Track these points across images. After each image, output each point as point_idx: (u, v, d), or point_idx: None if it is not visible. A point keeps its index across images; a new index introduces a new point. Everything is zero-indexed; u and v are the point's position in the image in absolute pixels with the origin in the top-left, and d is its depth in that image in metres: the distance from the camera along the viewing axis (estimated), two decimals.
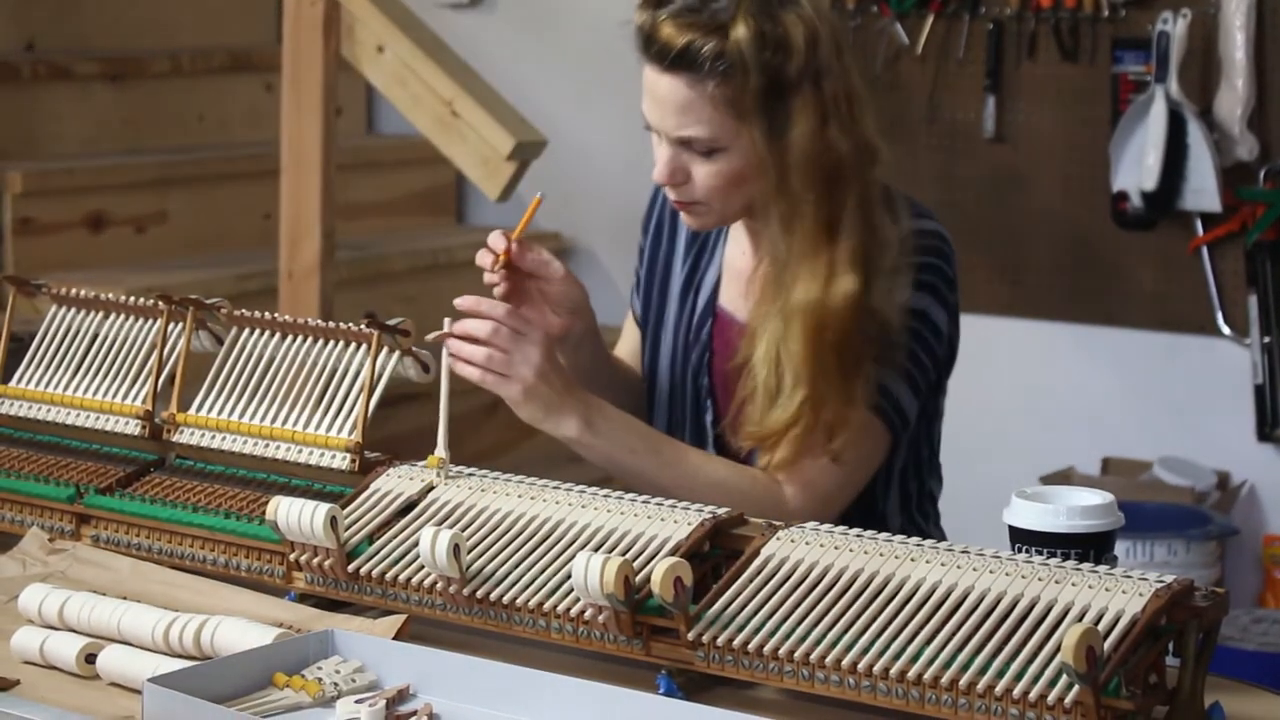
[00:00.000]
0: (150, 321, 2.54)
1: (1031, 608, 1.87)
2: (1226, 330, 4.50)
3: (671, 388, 2.68)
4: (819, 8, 2.47)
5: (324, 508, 2.15)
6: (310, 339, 2.42)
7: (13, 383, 2.59)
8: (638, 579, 1.98)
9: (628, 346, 2.82)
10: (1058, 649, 1.76)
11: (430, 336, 2.40)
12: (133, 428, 2.49)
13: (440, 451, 2.30)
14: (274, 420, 2.40)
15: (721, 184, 2.49)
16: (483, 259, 2.51)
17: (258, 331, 2.46)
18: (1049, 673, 1.78)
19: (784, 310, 2.46)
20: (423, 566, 2.11)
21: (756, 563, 2.02)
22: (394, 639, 2.04)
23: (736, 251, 2.64)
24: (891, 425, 2.52)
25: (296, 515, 2.15)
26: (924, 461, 2.65)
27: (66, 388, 2.55)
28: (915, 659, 1.84)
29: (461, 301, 2.43)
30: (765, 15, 2.43)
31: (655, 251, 2.74)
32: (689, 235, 2.70)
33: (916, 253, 2.52)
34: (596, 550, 2.05)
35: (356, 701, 1.92)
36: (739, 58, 2.41)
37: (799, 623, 1.92)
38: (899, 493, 2.61)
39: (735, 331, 2.60)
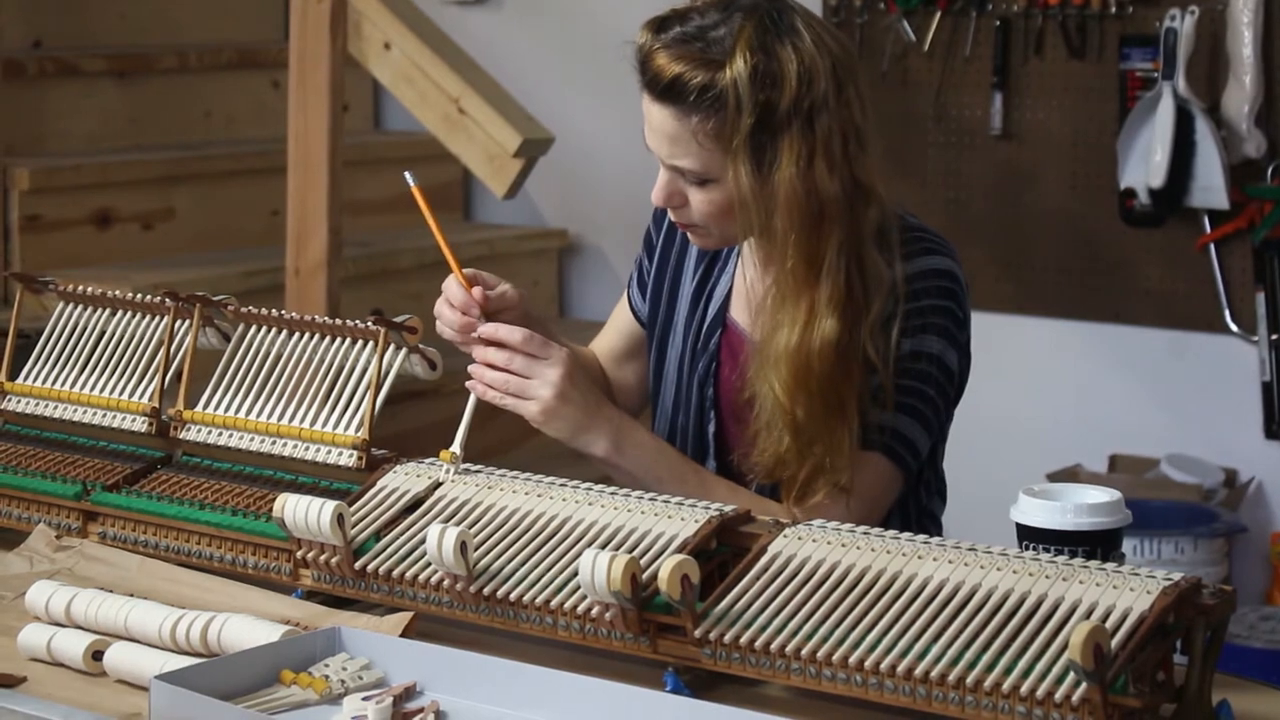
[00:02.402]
0: (157, 318, 2.54)
1: (1039, 605, 1.87)
2: (1234, 327, 4.49)
3: (677, 393, 2.67)
4: (822, 40, 2.41)
5: (331, 505, 2.15)
6: (317, 336, 2.42)
7: (20, 380, 2.60)
8: (644, 576, 1.98)
9: (609, 341, 2.81)
10: (1065, 646, 1.76)
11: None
12: (140, 425, 2.49)
13: (456, 448, 2.30)
14: (280, 417, 2.40)
15: (715, 211, 2.47)
16: (450, 318, 2.49)
17: (264, 328, 2.46)
18: (1056, 670, 1.78)
19: (769, 354, 2.45)
20: (430, 564, 2.11)
21: (763, 560, 2.02)
22: (401, 636, 2.04)
23: (749, 264, 2.63)
24: (905, 466, 2.51)
25: (303, 512, 2.15)
26: (925, 482, 2.64)
27: (74, 385, 2.55)
28: (923, 656, 1.84)
29: (483, 330, 2.45)
30: (762, 50, 2.38)
31: (668, 250, 2.72)
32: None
33: (928, 295, 2.49)
34: (603, 548, 2.05)
35: (363, 698, 1.92)
36: (730, 95, 2.37)
37: (806, 620, 1.92)
38: (899, 514, 2.61)
39: (743, 345, 2.59)
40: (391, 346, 2.37)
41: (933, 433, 2.54)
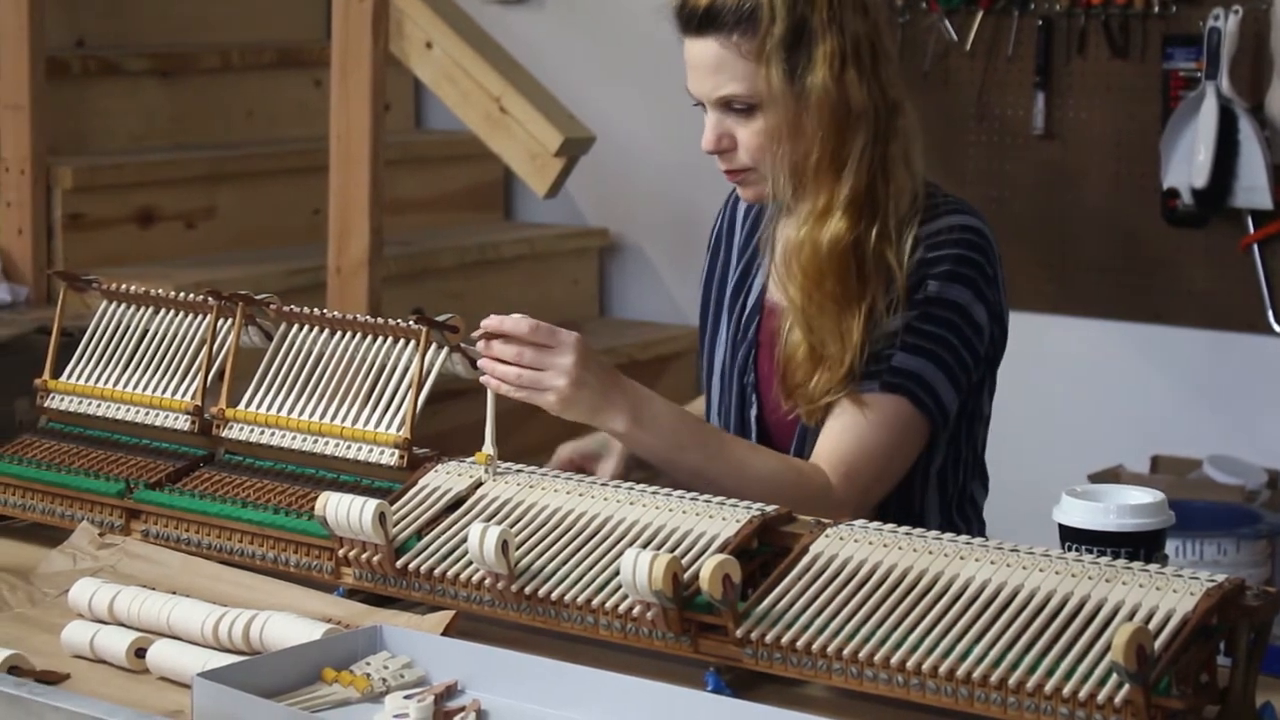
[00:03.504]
0: (200, 317, 2.54)
1: (1081, 606, 1.86)
2: (1277, 328, 4.47)
3: (721, 392, 2.69)
4: None
5: (373, 503, 2.15)
6: (358, 335, 2.42)
7: (63, 378, 2.61)
8: (686, 576, 1.98)
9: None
10: (1108, 648, 1.76)
11: (474, 334, 2.41)
12: (182, 423, 2.50)
13: (488, 448, 2.30)
14: (323, 416, 2.40)
15: (764, 142, 2.52)
16: None
17: (306, 327, 2.46)
18: (1099, 672, 1.78)
19: (785, 253, 2.53)
20: (471, 562, 2.11)
21: (805, 560, 2.01)
22: (442, 635, 2.04)
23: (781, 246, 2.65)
24: (929, 413, 2.51)
25: (345, 511, 2.16)
26: (964, 461, 2.63)
27: (117, 383, 2.56)
28: (965, 657, 1.84)
29: (486, 323, 2.42)
30: None
31: (713, 269, 2.78)
32: (742, 244, 2.70)
33: (955, 246, 2.52)
34: (645, 547, 2.05)
35: (405, 697, 1.92)
36: (765, 7, 2.47)
37: (847, 620, 1.92)
38: (937, 492, 2.60)
39: (780, 320, 2.61)
40: (433, 345, 2.37)
41: (959, 386, 2.54)
